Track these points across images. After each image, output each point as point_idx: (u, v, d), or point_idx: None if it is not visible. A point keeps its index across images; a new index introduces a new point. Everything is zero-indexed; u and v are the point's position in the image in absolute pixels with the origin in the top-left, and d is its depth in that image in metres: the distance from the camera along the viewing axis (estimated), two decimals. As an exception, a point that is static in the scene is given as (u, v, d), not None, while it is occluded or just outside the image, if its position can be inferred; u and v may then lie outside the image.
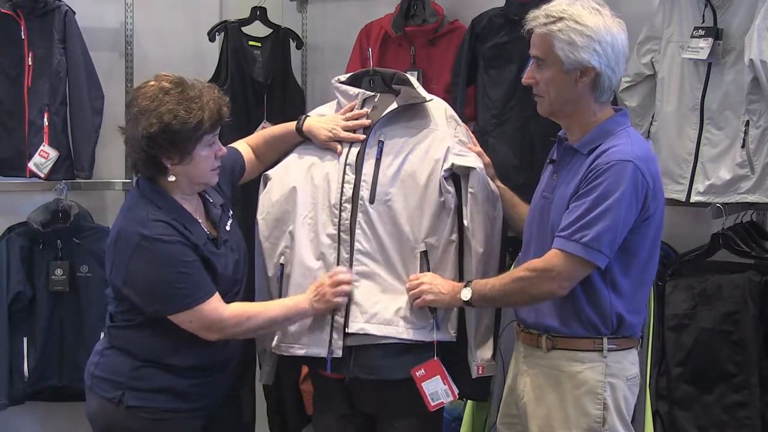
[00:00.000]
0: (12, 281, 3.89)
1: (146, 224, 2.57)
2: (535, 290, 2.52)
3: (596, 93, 2.53)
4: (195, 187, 2.71)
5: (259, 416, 3.92)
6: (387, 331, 2.70)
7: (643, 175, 2.44)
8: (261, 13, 4.14)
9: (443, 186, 2.70)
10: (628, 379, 2.58)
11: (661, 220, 2.56)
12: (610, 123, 2.55)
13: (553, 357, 2.58)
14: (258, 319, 2.68)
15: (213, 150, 2.66)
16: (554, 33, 2.49)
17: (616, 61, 2.51)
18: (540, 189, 2.68)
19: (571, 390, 2.55)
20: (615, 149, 2.47)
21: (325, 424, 2.91)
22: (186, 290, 2.57)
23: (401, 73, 2.91)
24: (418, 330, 2.71)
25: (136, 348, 2.65)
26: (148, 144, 2.56)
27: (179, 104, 2.56)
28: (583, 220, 2.43)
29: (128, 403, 2.62)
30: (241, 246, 2.80)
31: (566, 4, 2.52)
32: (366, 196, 2.73)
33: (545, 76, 2.54)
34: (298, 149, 2.91)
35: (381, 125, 2.77)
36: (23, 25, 3.86)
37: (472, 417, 3.24)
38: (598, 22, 2.49)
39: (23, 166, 3.88)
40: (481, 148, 2.90)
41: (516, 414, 2.70)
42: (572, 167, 2.56)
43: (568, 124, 2.61)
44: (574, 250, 2.44)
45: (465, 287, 2.62)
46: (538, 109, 2.62)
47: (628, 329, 2.57)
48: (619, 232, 2.44)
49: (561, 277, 2.46)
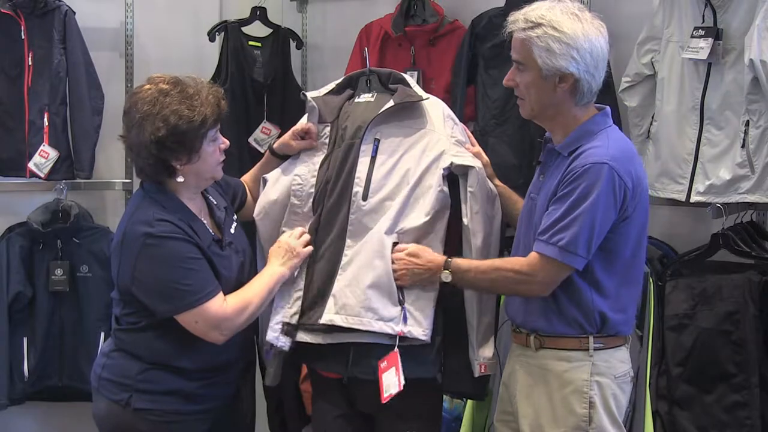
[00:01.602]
0: (12, 281, 3.89)
1: (152, 223, 2.57)
2: (519, 290, 2.60)
3: (576, 97, 2.54)
4: (202, 183, 2.72)
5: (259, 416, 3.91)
6: (352, 322, 2.68)
7: (619, 176, 2.46)
8: (261, 13, 4.15)
9: (438, 185, 2.70)
10: (617, 377, 2.59)
11: (644, 218, 2.59)
12: (590, 124, 2.57)
13: (541, 356, 2.61)
14: (254, 302, 2.68)
15: (217, 144, 2.68)
16: (532, 39, 2.50)
17: (595, 66, 2.52)
18: (529, 190, 2.72)
19: (558, 389, 2.57)
20: (591, 151, 2.49)
21: (324, 423, 2.91)
22: (193, 287, 2.57)
23: (397, 72, 2.91)
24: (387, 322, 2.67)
25: (143, 351, 2.66)
26: (158, 148, 2.57)
27: (181, 104, 2.56)
28: (559, 224, 2.47)
29: (136, 406, 2.63)
30: (246, 249, 2.81)
31: (545, 8, 2.52)
32: (360, 192, 2.73)
33: (525, 80, 2.56)
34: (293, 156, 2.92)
35: (377, 123, 2.78)
36: (23, 25, 3.87)
37: (472, 417, 3.24)
38: (576, 29, 2.49)
39: (23, 166, 3.88)
40: (479, 148, 2.90)
41: (511, 411, 2.72)
42: (554, 169, 2.59)
43: (551, 126, 2.64)
44: (551, 254, 2.48)
45: (444, 269, 2.64)
46: (520, 112, 2.65)
47: (614, 327, 2.58)
48: (596, 233, 2.47)
49: (542, 280, 2.52)
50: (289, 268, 2.74)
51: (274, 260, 2.75)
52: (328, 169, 2.80)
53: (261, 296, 2.70)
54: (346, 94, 2.90)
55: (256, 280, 2.76)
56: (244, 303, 2.66)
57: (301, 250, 2.75)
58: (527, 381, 2.64)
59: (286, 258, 2.74)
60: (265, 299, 2.72)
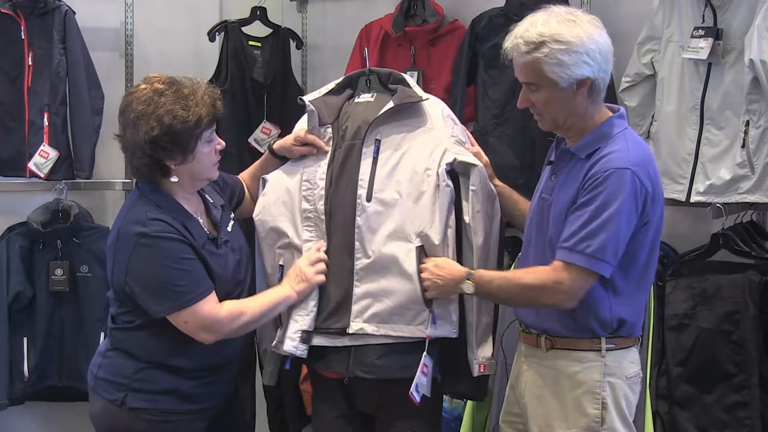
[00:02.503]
0: (12, 281, 3.88)
1: (145, 223, 2.57)
2: (543, 301, 2.52)
3: (593, 96, 2.52)
4: (197, 183, 2.71)
5: (259, 416, 3.91)
6: (384, 330, 2.70)
7: (641, 182, 2.44)
8: (261, 13, 4.15)
9: (442, 180, 2.70)
10: (628, 377, 2.58)
11: (660, 223, 2.56)
12: (607, 126, 2.54)
13: (552, 357, 2.59)
14: (250, 314, 2.68)
15: (213, 145, 2.67)
16: (541, 59, 2.46)
17: (605, 62, 2.50)
18: (539, 189, 2.68)
19: (569, 390, 2.55)
20: (612, 155, 2.46)
21: (324, 423, 2.91)
22: (186, 287, 2.57)
23: (397, 72, 2.91)
24: (417, 326, 2.71)
25: (139, 350, 2.65)
26: (152, 148, 2.56)
27: (176, 103, 2.56)
28: (585, 231, 2.42)
29: (131, 405, 2.62)
30: (243, 247, 2.80)
31: (541, 24, 2.47)
32: (363, 194, 2.73)
33: (541, 98, 2.52)
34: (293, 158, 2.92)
35: (377, 124, 2.77)
36: (23, 25, 3.86)
37: (472, 417, 3.24)
38: (579, 34, 2.46)
39: (23, 166, 3.88)
40: (479, 148, 2.90)
41: (518, 413, 2.71)
42: (571, 171, 2.55)
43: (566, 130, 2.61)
44: (578, 261, 2.43)
45: (467, 280, 2.60)
46: (540, 126, 2.61)
47: (628, 329, 2.57)
48: (621, 240, 2.44)
49: (569, 290, 2.46)
50: (296, 292, 2.72)
51: (285, 281, 2.75)
52: (333, 172, 2.80)
53: (258, 310, 2.69)
54: (346, 94, 2.90)
55: (260, 294, 2.78)
56: (239, 311, 2.65)
57: (313, 278, 2.72)
58: (537, 382, 2.62)
59: (296, 281, 2.73)
60: (263, 314, 2.72)
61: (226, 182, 2.91)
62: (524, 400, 2.65)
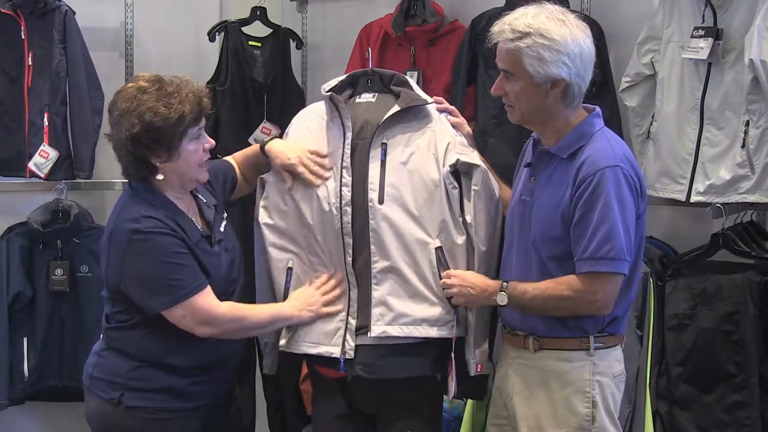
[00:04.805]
0: (12, 281, 3.89)
1: (138, 220, 2.57)
2: (581, 311, 2.53)
3: (566, 100, 2.53)
4: (186, 183, 2.71)
5: (259, 416, 3.92)
6: (409, 332, 2.70)
7: (632, 177, 2.48)
8: (261, 13, 4.14)
9: (448, 181, 2.70)
10: (615, 376, 2.60)
11: (645, 218, 2.59)
12: (586, 125, 2.56)
13: (540, 357, 2.59)
14: (250, 321, 2.69)
15: (200, 143, 2.66)
16: (522, 49, 2.48)
17: (584, 69, 2.51)
18: (517, 191, 2.68)
19: (559, 389, 2.56)
20: (598, 154, 2.48)
21: (324, 423, 2.91)
22: (181, 282, 2.57)
23: (400, 74, 2.90)
24: (442, 327, 2.71)
25: (133, 348, 2.65)
26: (134, 145, 2.57)
27: (158, 101, 2.56)
28: (598, 236, 2.44)
29: (127, 404, 2.63)
30: (236, 247, 2.80)
31: (531, 16, 2.50)
32: (375, 198, 2.72)
33: (515, 89, 2.54)
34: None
35: (383, 128, 2.77)
36: (23, 25, 3.87)
37: (471, 417, 3.23)
38: (564, 34, 2.47)
39: (23, 166, 3.89)
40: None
41: (505, 415, 2.70)
42: (554, 172, 2.56)
43: (541, 129, 2.62)
44: (603, 268, 2.45)
45: (501, 291, 2.58)
46: (509, 118, 2.63)
47: (615, 326, 2.59)
48: (631, 234, 2.47)
49: (604, 298, 2.49)
50: (299, 315, 2.72)
51: (291, 299, 2.75)
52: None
53: (258, 319, 2.71)
54: (346, 93, 2.90)
55: (264, 306, 2.79)
56: (240, 315, 2.67)
57: (320, 309, 2.73)
58: (525, 383, 2.62)
59: (302, 305, 2.73)
60: (262, 326, 2.74)
61: (217, 177, 2.84)
62: (512, 402, 2.65)
